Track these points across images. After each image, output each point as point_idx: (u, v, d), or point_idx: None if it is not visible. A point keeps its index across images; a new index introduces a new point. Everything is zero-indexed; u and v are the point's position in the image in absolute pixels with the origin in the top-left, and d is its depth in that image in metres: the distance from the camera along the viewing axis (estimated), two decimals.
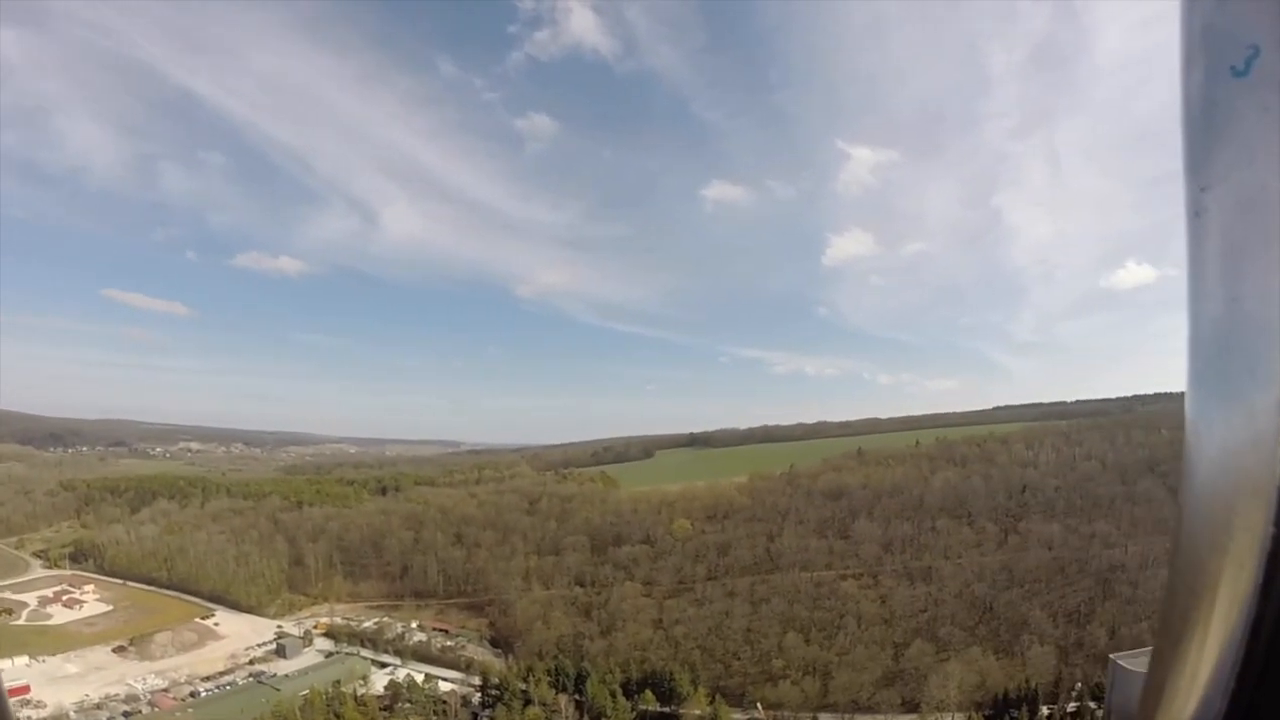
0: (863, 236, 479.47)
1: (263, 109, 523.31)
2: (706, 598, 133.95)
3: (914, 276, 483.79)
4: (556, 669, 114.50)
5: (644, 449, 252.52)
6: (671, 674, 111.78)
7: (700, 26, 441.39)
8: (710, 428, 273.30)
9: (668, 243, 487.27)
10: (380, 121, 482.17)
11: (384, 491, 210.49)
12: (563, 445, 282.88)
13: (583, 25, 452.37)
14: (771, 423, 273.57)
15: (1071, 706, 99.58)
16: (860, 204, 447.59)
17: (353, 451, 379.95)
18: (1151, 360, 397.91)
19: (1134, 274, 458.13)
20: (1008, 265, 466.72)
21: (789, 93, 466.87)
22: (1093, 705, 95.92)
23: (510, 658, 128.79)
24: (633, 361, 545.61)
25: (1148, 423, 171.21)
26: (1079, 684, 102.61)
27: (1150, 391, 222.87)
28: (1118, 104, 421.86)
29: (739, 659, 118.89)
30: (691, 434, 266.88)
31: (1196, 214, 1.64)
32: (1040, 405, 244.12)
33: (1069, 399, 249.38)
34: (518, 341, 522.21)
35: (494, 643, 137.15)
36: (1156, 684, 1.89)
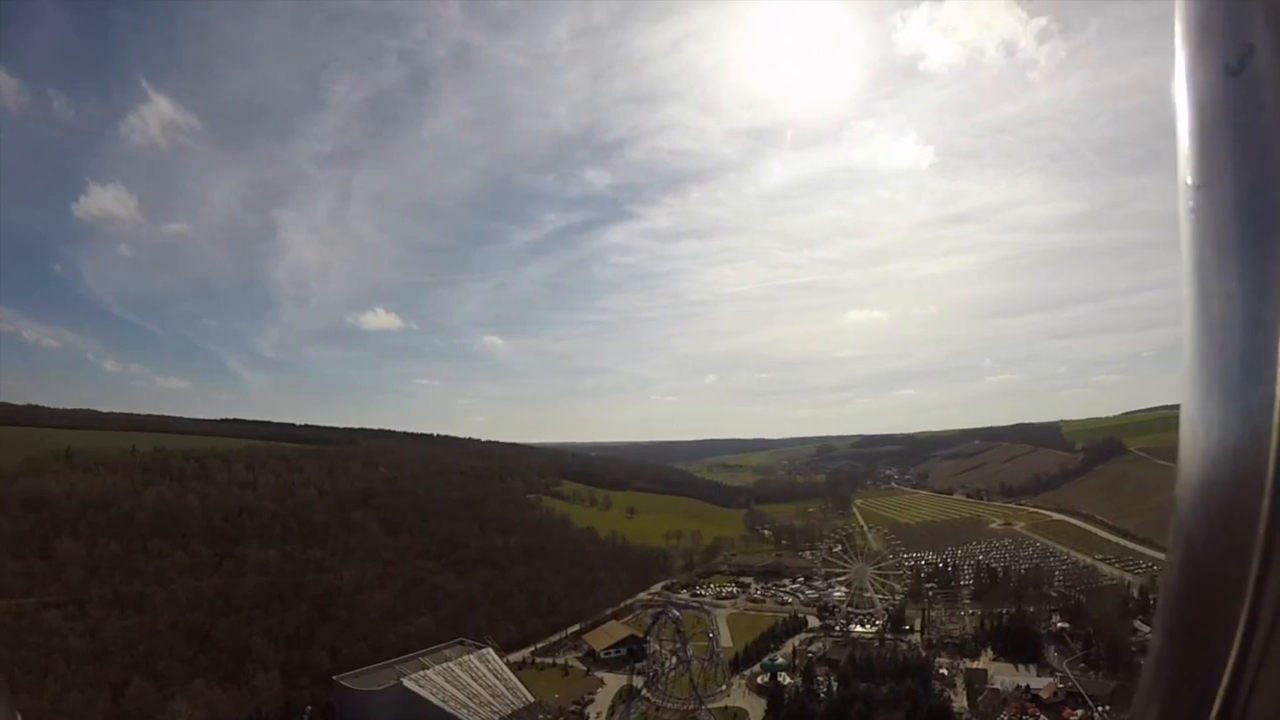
0: (126, 198, 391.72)
1: None
2: None
3: (169, 259, 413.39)
4: None
5: None
6: None
7: None
8: None
9: None
10: None
11: None
12: None
13: None
14: None
15: None
16: (143, 161, 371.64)
17: None
18: (382, 398, 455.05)
19: (381, 319, 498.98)
20: (267, 278, 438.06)
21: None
22: None
23: None
24: None
25: (366, 457, 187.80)
26: (309, 706, 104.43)
27: (375, 427, 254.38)
28: (424, 176, 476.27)
29: None
30: None
31: (1191, 211, 1.67)
32: (270, 424, 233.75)
33: (298, 421, 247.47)
34: None
35: None
36: (1154, 677, 1.90)
